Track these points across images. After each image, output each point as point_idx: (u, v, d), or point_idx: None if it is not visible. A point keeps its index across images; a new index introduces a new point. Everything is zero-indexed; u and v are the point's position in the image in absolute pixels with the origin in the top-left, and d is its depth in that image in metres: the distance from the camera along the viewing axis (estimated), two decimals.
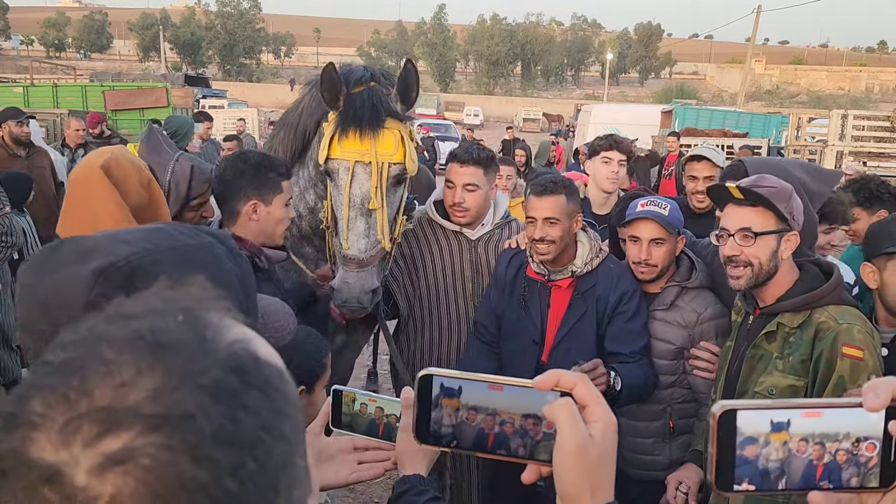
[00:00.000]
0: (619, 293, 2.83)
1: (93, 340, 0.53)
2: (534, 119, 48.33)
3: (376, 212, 2.69)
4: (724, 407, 0.77)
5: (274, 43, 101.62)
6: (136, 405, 0.49)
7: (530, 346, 2.88)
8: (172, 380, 0.51)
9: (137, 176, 2.28)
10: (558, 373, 0.84)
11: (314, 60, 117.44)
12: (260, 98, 50.86)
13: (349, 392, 1.40)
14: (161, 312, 0.56)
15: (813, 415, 0.77)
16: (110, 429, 0.48)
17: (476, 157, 3.02)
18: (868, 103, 73.49)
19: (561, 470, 0.81)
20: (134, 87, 16.70)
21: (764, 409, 0.78)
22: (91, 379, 0.50)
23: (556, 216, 2.75)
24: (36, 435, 0.48)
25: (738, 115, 22.44)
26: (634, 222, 2.80)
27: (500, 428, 0.86)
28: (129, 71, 52.88)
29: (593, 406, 0.82)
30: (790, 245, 2.26)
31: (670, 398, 2.86)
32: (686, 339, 2.82)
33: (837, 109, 12.32)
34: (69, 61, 74.22)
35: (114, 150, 2.37)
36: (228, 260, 1.07)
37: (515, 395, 0.86)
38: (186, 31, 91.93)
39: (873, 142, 10.76)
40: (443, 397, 0.88)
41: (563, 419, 0.80)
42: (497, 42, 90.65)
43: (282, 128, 3.17)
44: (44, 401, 0.50)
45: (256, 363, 0.56)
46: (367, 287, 2.69)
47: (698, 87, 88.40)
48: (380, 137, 2.67)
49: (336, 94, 2.68)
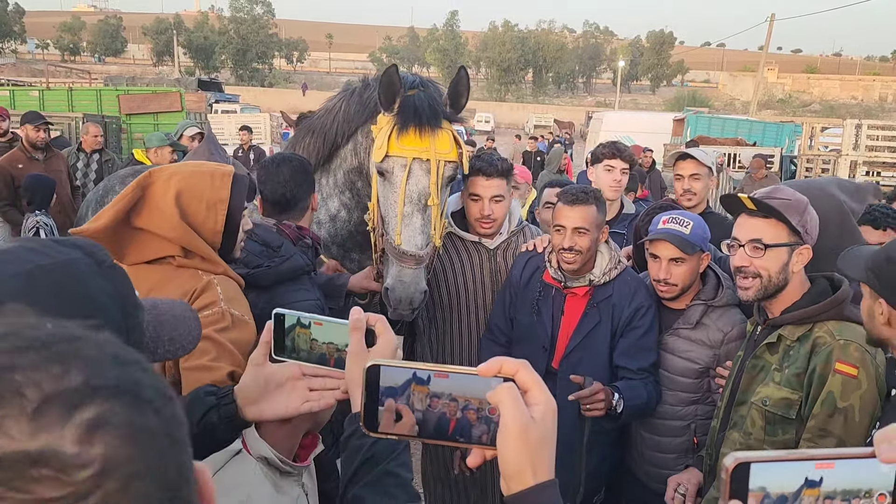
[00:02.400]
0: (634, 307, 2.82)
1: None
2: (545, 126, 48.29)
3: (431, 209, 2.72)
4: (737, 460, 0.76)
5: (286, 48, 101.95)
6: (85, 382, 0.54)
7: (540, 352, 2.87)
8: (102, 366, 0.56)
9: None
10: (501, 359, 0.87)
11: (326, 66, 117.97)
12: (272, 103, 51.10)
13: (292, 315, 1.31)
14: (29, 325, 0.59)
15: (826, 466, 0.76)
16: (77, 405, 0.52)
17: (500, 168, 3.01)
18: (881, 113, 73.04)
19: (504, 450, 0.84)
20: (148, 92, 16.83)
21: (779, 461, 0.77)
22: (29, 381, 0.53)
23: (586, 226, 2.74)
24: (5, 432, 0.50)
25: (751, 123, 22.39)
26: (654, 241, 2.78)
27: (440, 413, 0.89)
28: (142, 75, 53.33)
29: (534, 390, 0.86)
30: (802, 258, 2.23)
31: (694, 415, 2.83)
32: (711, 358, 2.77)
33: (851, 119, 12.25)
34: (84, 65, 74.89)
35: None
36: (97, 277, 0.98)
37: (461, 382, 0.89)
38: (200, 36, 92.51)
39: (888, 152, 10.69)
40: (414, 384, 0.90)
41: (506, 402, 0.84)
42: (509, 49, 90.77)
43: (307, 134, 3.15)
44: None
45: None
46: (421, 286, 2.71)
47: (710, 96, 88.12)
48: (438, 136, 2.71)
49: (394, 95, 2.72)
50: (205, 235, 1.97)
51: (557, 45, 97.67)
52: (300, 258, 2.41)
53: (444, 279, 3.14)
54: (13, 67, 61.53)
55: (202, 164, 2.14)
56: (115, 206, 1.91)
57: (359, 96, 3.00)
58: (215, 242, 2.00)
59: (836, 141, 12.20)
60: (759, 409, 2.21)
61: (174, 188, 1.93)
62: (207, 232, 1.97)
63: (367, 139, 2.91)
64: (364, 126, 2.93)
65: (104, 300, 0.97)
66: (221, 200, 1.98)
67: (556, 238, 2.80)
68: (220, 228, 1.99)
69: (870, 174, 10.49)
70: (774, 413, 2.17)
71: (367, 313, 1.25)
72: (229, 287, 1.96)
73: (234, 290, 1.97)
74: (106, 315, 0.96)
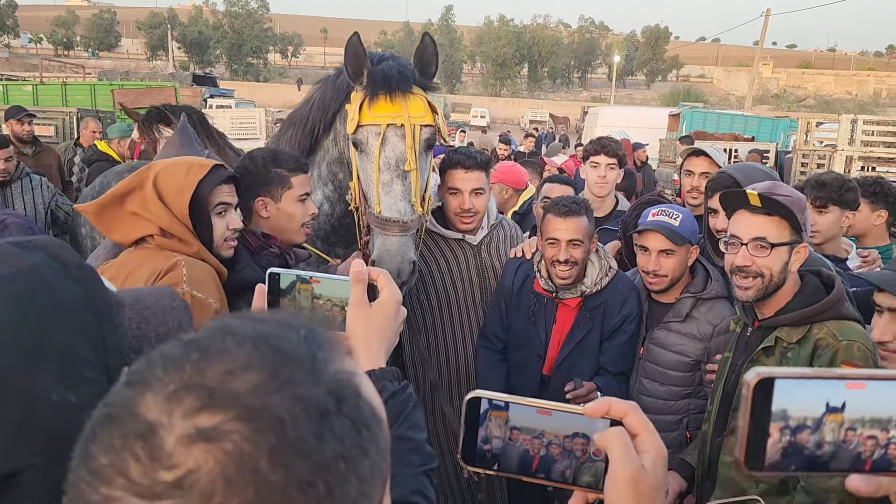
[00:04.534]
0: (623, 314, 2.85)
1: (221, 330, 0.58)
2: (540, 121, 48.25)
3: (411, 175, 2.64)
4: (760, 375, 0.71)
5: (281, 43, 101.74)
6: (237, 393, 0.53)
7: (534, 359, 2.90)
8: (275, 382, 0.54)
9: None
10: (609, 401, 0.84)
11: (321, 60, 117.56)
12: (267, 98, 50.96)
13: (289, 274, 1.24)
14: (287, 325, 0.61)
15: (857, 386, 0.71)
16: (209, 406, 0.52)
17: (479, 161, 2.97)
18: (876, 108, 73.20)
19: (614, 499, 0.80)
20: (143, 87, 16.75)
21: (806, 377, 0.72)
22: (207, 359, 0.55)
23: (581, 238, 2.74)
24: (147, 393, 0.54)
25: (746, 118, 22.38)
26: (644, 232, 2.78)
27: (546, 450, 0.85)
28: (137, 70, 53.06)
29: (645, 436, 0.82)
30: (800, 257, 2.19)
31: (687, 409, 2.84)
32: (702, 351, 2.78)
33: (846, 114, 12.26)
34: (77, 59, 74.45)
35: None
36: (64, 281, 0.91)
37: (564, 421, 0.85)
38: (194, 31, 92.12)
39: (883, 147, 10.69)
40: (491, 410, 0.86)
41: (617, 448, 0.79)
42: (504, 44, 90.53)
43: (289, 126, 3.12)
44: (163, 367, 0.55)
45: (356, 397, 0.59)
46: (408, 256, 2.61)
47: (705, 91, 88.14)
48: (410, 101, 2.65)
49: (360, 65, 2.67)
50: (176, 216, 2.11)
51: (553, 40, 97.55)
52: (252, 271, 2.29)
53: (430, 280, 3.07)
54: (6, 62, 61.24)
55: (188, 158, 2.28)
56: (115, 189, 2.13)
57: (333, 82, 2.95)
58: (185, 224, 2.11)
59: (832, 136, 12.20)
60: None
61: (155, 174, 2.11)
62: (177, 213, 2.10)
63: (344, 126, 2.83)
64: (341, 112, 2.87)
65: (74, 306, 0.90)
66: (189, 185, 2.10)
67: (550, 251, 2.77)
68: (184, 211, 2.08)
69: (865, 169, 10.49)
70: None
71: (368, 266, 1.21)
72: (196, 268, 2.03)
73: (202, 272, 2.04)
74: (77, 322, 0.89)
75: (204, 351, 0.56)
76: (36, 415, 0.81)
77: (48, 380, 0.82)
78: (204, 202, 2.13)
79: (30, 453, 0.79)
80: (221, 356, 0.55)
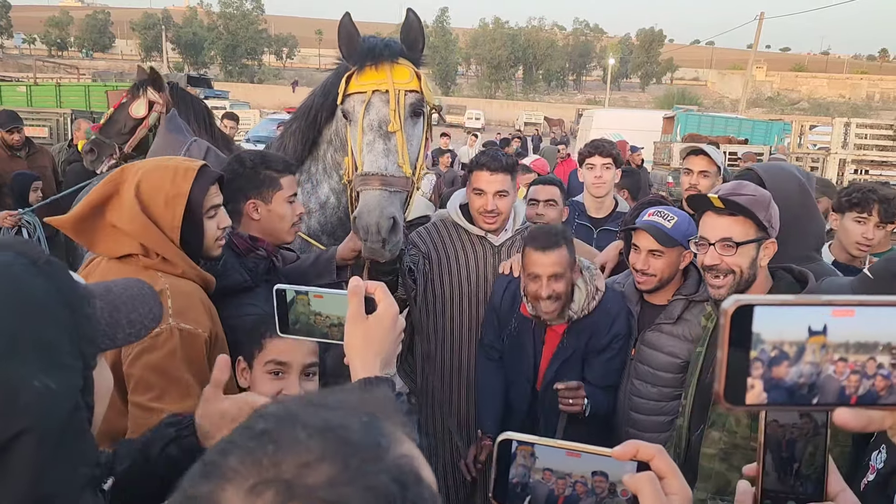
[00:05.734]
0: (612, 334, 2.87)
1: (289, 419, 0.61)
2: (535, 123, 48.31)
3: (396, 136, 2.66)
4: (738, 302, 0.67)
5: (276, 44, 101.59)
6: (314, 486, 0.55)
7: (524, 377, 2.95)
8: (347, 473, 0.57)
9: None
10: (636, 444, 0.87)
11: (316, 62, 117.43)
12: (262, 99, 50.86)
13: (291, 290, 1.30)
14: (348, 411, 0.64)
15: (844, 314, 0.66)
16: (288, 500, 0.55)
17: (504, 164, 3.04)
18: (869, 111, 73.55)
19: None
20: None
21: (786, 305, 0.67)
22: (282, 452, 0.57)
23: (561, 270, 2.73)
24: (228, 486, 0.56)
25: (740, 121, 22.46)
26: (637, 231, 2.81)
27: (572, 489, 0.88)
28: (131, 71, 52.83)
29: (671, 478, 0.85)
30: (768, 253, 2.27)
31: (677, 410, 2.84)
32: (692, 353, 2.79)
33: (839, 117, 12.32)
34: (71, 60, 74.22)
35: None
36: (35, 276, 0.97)
37: (592, 463, 0.87)
38: (189, 32, 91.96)
39: (876, 150, 10.74)
40: (520, 447, 0.88)
41: (648, 493, 0.82)
42: (499, 46, 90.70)
43: (295, 119, 3.16)
44: (240, 458, 0.58)
45: (417, 481, 0.62)
46: (387, 211, 2.54)
47: (699, 93, 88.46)
48: (395, 69, 2.71)
49: (354, 44, 2.73)
50: (164, 231, 1.95)
51: (548, 43, 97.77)
52: (238, 275, 2.29)
53: (446, 269, 3.14)
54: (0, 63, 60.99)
55: (171, 159, 2.13)
56: (88, 198, 1.95)
57: (336, 72, 3.00)
58: (174, 238, 1.96)
59: (825, 139, 12.25)
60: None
61: (135, 182, 1.94)
62: (166, 227, 1.95)
63: None
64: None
65: (45, 299, 0.96)
66: (180, 194, 1.96)
67: (532, 286, 2.76)
68: (177, 224, 1.95)
69: (858, 172, 10.53)
70: None
71: (365, 280, 1.24)
72: (182, 295, 1.91)
73: (188, 298, 1.92)
74: (49, 315, 0.95)
75: (277, 444, 0.58)
76: (19, 399, 0.87)
77: (29, 368, 0.89)
78: (197, 209, 2.02)
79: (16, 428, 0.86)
80: (295, 448, 0.58)
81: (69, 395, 0.95)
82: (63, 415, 0.93)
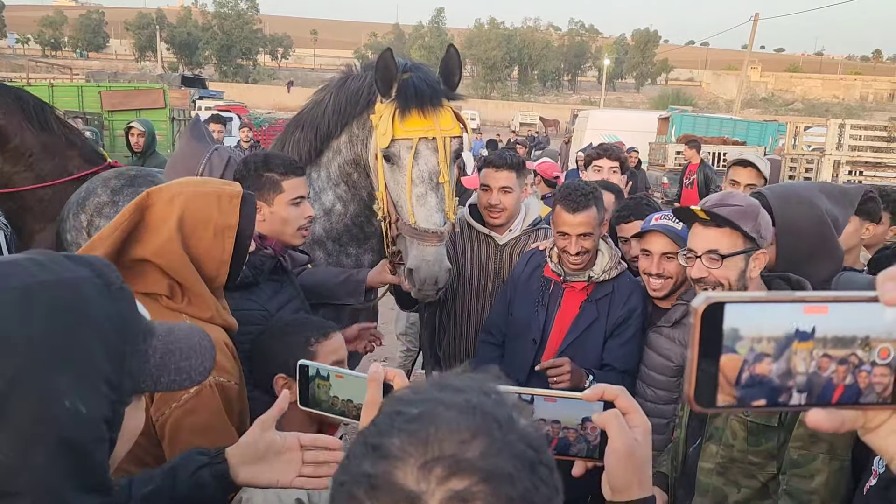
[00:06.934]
0: (629, 308, 2.85)
1: (435, 402, 0.70)
2: (530, 123, 48.36)
3: (444, 186, 2.74)
4: (709, 300, 0.65)
5: (271, 44, 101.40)
6: (472, 459, 0.64)
7: (528, 346, 2.89)
8: (495, 445, 0.66)
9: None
10: (602, 386, 1.00)
11: (311, 62, 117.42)
12: (257, 99, 50.83)
13: (313, 367, 1.37)
14: (479, 389, 0.73)
15: (817, 310, 0.64)
16: (456, 473, 0.64)
17: (510, 161, 3.18)
18: (862, 112, 73.86)
19: (614, 468, 0.95)
20: (131, 88, 16.68)
21: (759, 302, 0.65)
22: (441, 431, 0.66)
23: (590, 230, 2.78)
24: (401, 465, 0.65)
25: (735, 122, 22.50)
26: (647, 235, 2.79)
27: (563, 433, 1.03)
28: (125, 71, 52.80)
29: (634, 414, 0.98)
30: (759, 263, 2.22)
31: (673, 412, 2.84)
32: (686, 358, 2.79)
33: (834, 118, 12.35)
34: (65, 60, 74.02)
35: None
36: (102, 299, 0.98)
37: (567, 406, 1.02)
38: (183, 32, 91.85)
39: (870, 151, 10.78)
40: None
41: (614, 426, 0.95)
42: (494, 46, 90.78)
43: (296, 129, 3.13)
44: (406, 440, 0.66)
45: (543, 444, 0.72)
46: (445, 264, 2.72)
47: (694, 94, 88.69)
48: (440, 114, 2.74)
49: (391, 80, 2.73)
50: (207, 266, 1.79)
51: (543, 43, 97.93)
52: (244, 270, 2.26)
53: (453, 262, 3.17)
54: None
55: (206, 183, 1.94)
56: (112, 232, 1.70)
57: (343, 88, 2.99)
58: (220, 274, 1.82)
59: (820, 140, 12.28)
60: (741, 421, 2.14)
61: (177, 212, 1.74)
62: (212, 262, 1.79)
63: (363, 130, 2.90)
64: (360, 117, 2.92)
65: (101, 322, 0.97)
66: (230, 227, 1.80)
67: (562, 242, 2.82)
68: (227, 258, 1.81)
69: (852, 174, 10.57)
70: (756, 422, 2.12)
71: (385, 368, 1.26)
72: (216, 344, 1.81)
73: (219, 348, 1.75)
74: (100, 336, 0.96)
75: (436, 425, 0.66)
76: (48, 417, 0.89)
77: (64, 386, 0.91)
78: (245, 243, 1.88)
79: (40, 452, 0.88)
80: (451, 427, 0.66)
81: (96, 422, 0.95)
82: (86, 440, 0.94)
